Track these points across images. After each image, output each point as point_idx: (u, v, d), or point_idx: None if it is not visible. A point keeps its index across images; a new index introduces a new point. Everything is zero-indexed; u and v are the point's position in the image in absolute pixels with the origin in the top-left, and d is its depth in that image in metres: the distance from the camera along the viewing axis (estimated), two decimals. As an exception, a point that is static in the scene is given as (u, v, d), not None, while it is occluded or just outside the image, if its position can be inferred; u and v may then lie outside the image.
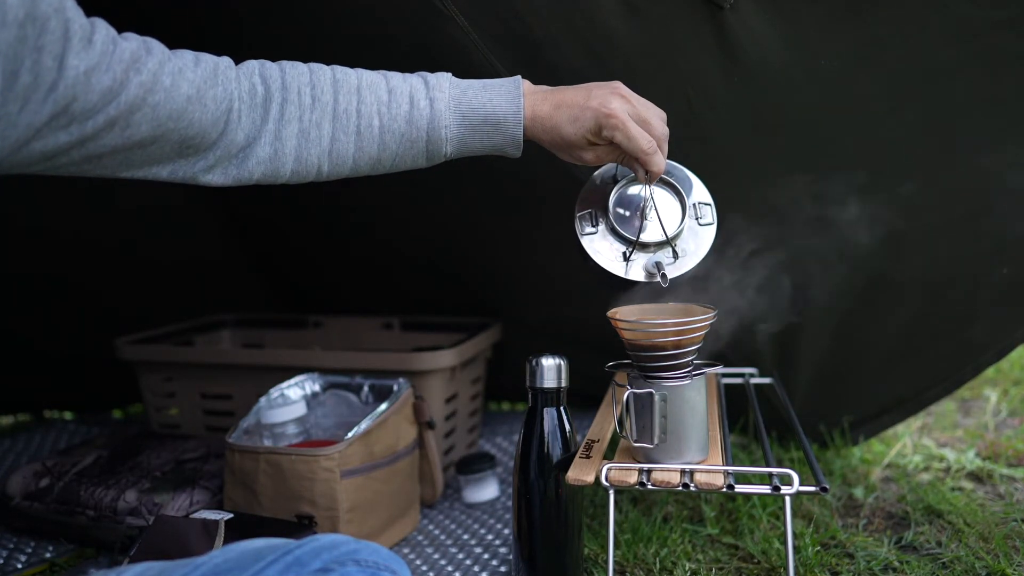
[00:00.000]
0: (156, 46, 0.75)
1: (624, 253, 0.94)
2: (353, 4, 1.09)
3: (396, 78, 0.88)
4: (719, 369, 0.97)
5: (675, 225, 0.94)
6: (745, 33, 0.98)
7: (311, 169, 0.86)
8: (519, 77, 0.90)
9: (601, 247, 0.95)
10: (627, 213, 0.95)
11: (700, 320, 0.86)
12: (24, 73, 0.64)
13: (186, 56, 0.78)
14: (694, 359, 0.90)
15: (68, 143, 0.70)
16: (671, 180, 0.95)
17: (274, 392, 1.27)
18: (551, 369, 0.98)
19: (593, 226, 0.96)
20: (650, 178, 0.91)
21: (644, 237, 0.94)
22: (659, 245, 0.95)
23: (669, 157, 0.93)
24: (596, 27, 0.99)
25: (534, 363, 0.99)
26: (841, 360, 1.37)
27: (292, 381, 1.30)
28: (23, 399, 1.88)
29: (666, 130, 0.90)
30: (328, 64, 0.88)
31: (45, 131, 0.68)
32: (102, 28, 0.70)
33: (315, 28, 1.16)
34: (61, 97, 0.67)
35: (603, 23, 0.98)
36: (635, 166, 0.90)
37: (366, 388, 1.30)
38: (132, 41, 0.73)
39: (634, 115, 0.87)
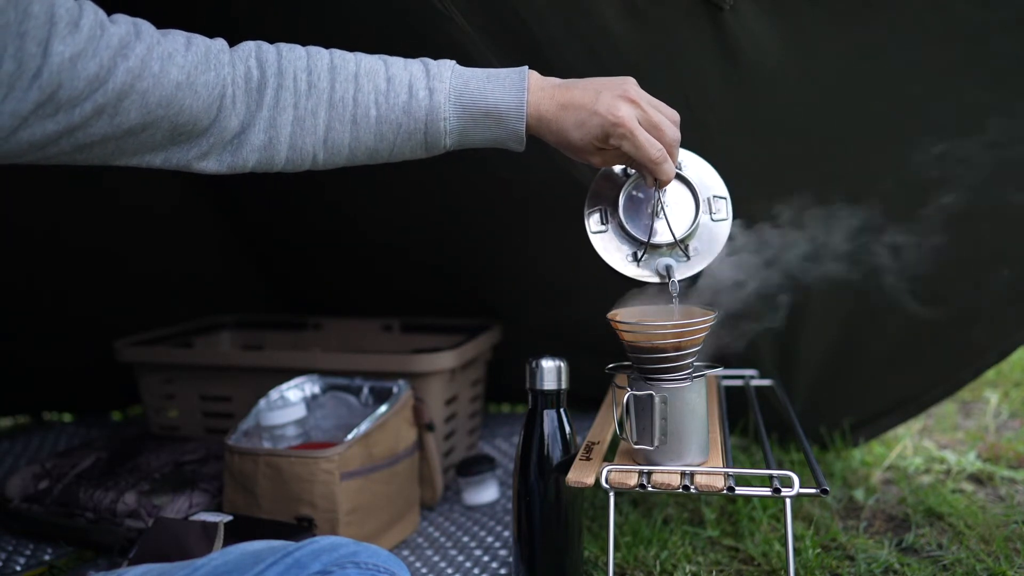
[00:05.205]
0: (146, 29, 0.73)
1: (635, 254, 0.92)
2: (352, 4, 1.09)
3: (396, 65, 0.85)
4: (719, 371, 0.96)
5: (687, 224, 0.92)
6: (745, 34, 0.98)
7: (306, 158, 0.84)
8: (526, 68, 0.86)
9: (610, 247, 0.93)
10: (637, 212, 0.92)
11: (700, 322, 0.86)
12: (7, 60, 0.63)
13: (178, 40, 0.75)
14: (694, 361, 0.89)
15: (56, 132, 0.68)
16: (684, 175, 0.92)
17: (273, 394, 1.27)
18: (551, 371, 0.98)
19: (603, 224, 0.93)
20: (659, 185, 0.88)
21: (654, 239, 0.91)
22: (670, 246, 0.92)
23: (686, 147, 0.91)
24: (596, 27, 0.99)
25: (534, 365, 0.98)
26: (842, 362, 1.36)
27: (292, 383, 1.30)
28: (22, 401, 1.88)
29: (678, 135, 0.86)
30: (327, 48, 0.84)
31: (32, 120, 0.66)
32: (90, 12, 0.68)
33: (315, 27, 1.16)
34: (46, 84, 0.65)
35: (603, 23, 0.98)
36: (644, 172, 0.88)
37: (366, 390, 1.29)
38: (121, 25, 0.70)
39: (644, 121, 0.84)
